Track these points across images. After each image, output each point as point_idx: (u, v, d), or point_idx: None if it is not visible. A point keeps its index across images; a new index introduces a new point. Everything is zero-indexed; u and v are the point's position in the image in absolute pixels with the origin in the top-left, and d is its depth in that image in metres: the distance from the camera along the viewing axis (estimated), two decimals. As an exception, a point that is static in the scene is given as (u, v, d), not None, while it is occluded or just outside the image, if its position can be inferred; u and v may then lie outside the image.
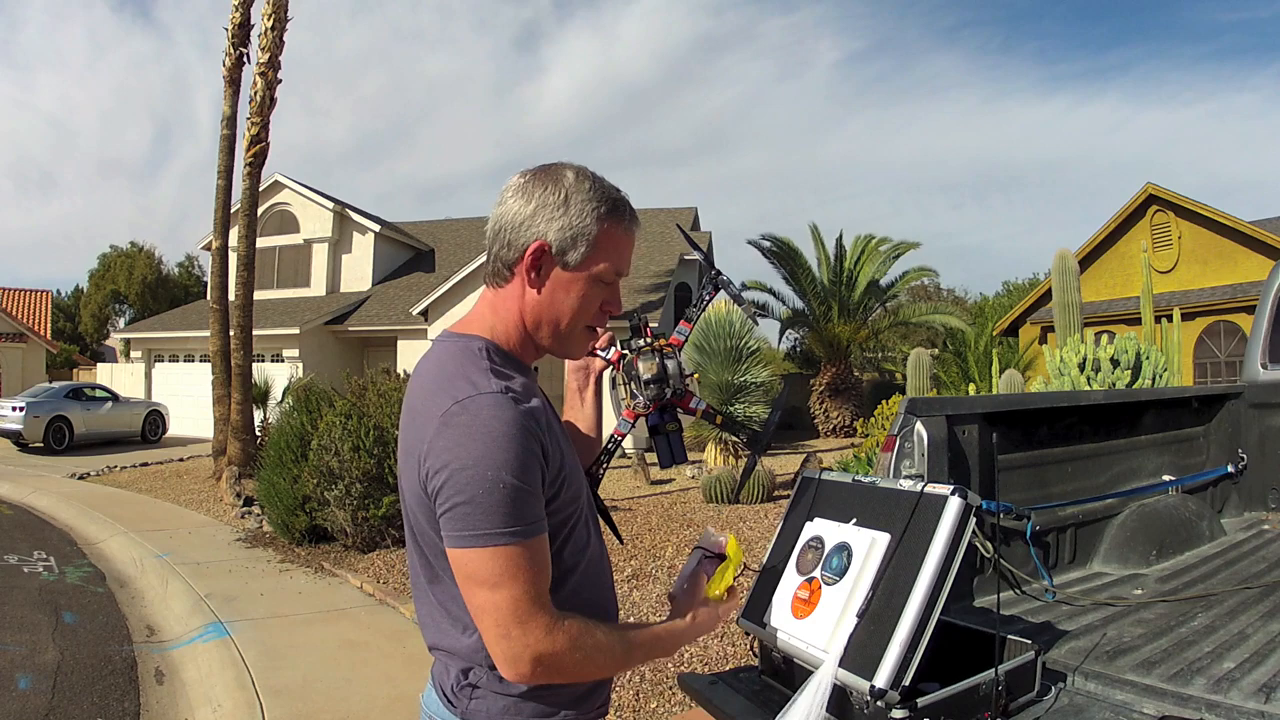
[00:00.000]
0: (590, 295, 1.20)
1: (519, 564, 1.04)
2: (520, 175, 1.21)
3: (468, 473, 1.03)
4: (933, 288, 30.82)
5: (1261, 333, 3.69)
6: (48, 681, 4.04)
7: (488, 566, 1.04)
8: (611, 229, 1.19)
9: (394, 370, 8.97)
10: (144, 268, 38.13)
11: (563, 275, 1.18)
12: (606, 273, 1.20)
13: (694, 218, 22.05)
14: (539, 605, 1.05)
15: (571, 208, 1.16)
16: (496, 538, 1.03)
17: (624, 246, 1.22)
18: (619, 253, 1.21)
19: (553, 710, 1.17)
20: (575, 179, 1.18)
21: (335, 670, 4.16)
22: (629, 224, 1.22)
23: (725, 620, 1.31)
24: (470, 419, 1.05)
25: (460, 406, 1.06)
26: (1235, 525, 3.23)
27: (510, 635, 1.05)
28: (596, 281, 1.20)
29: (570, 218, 1.16)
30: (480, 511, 1.03)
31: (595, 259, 1.18)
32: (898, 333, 23.35)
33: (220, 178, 11.04)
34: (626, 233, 1.22)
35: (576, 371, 1.48)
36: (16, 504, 9.69)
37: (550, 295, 1.19)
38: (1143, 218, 16.23)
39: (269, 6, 10.83)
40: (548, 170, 1.20)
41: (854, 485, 1.72)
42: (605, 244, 1.18)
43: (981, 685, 1.53)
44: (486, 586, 1.05)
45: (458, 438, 1.04)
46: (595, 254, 1.18)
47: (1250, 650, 1.82)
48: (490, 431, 1.04)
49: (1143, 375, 6.12)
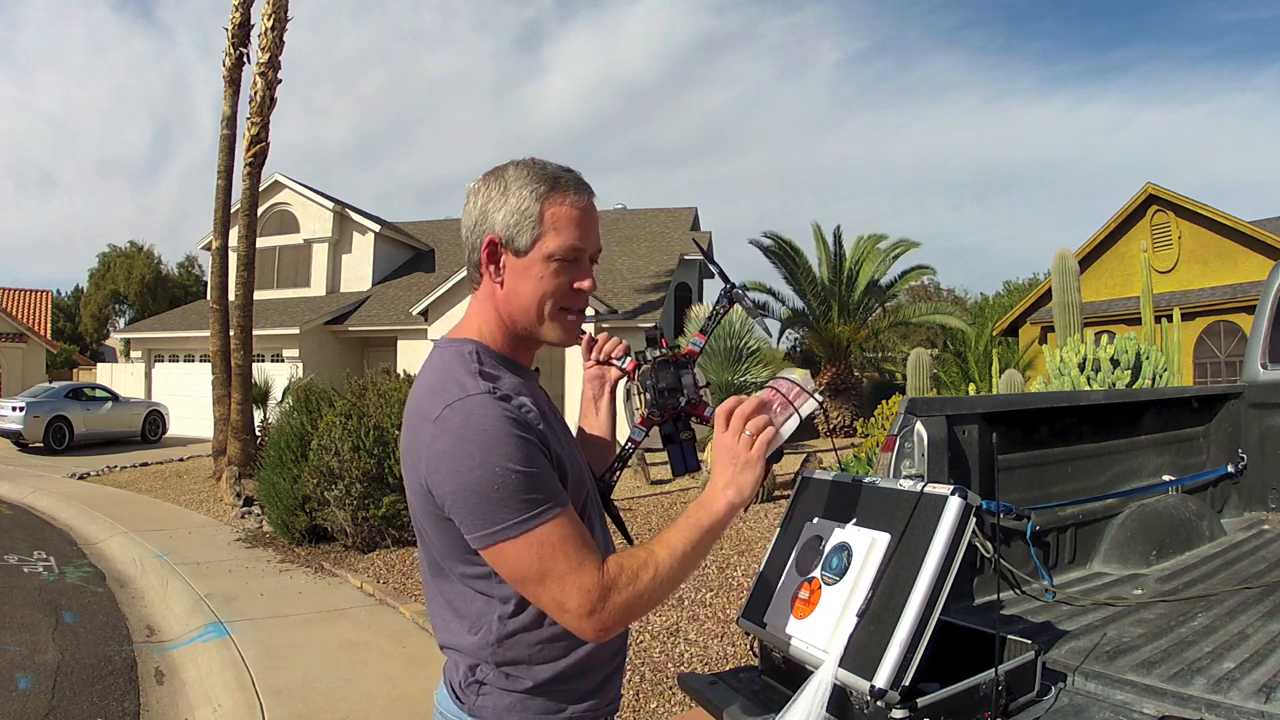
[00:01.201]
0: (550, 277, 1.19)
1: (554, 541, 1.06)
2: (476, 180, 1.23)
3: (475, 474, 1.04)
4: (933, 288, 30.85)
5: (1261, 333, 3.69)
6: (48, 681, 4.04)
7: (526, 557, 1.06)
8: (554, 205, 1.17)
9: (394, 370, 8.97)
10: (144, 268, 38.13)
11: (517, 263, 1.19)
12: (561, 250, 1.18)
13: (694, 218, 22.04)
14: (587, 571, 1.06)
15: (510, 195, 1.17)
16: (522, 525, 1.05)
17: (574, 220, 1.18)
18: (570, 227, 1.18)
19: (560, 708, 1.17)
20: (514, 168, 1.20)
21: (335, 670, 4.16)
22: (575, 195, 1.19)
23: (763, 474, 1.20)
24: (462, 420, 1.06)
25: (451, 410, 1.08)
26: (1235, 525, 3.23)
27: (565, 609, 1.07)
28: (553, 261, 1.18)
29: (510, 204, 1.17)
30: (497, 507, 1.04)
31: (544, 239, 1.17)
32: (898, 333, 23.36)
33: (220, 178, 11.04)
34: (574, 206, 1.19)
35: (591, 380, 1.49)
36: (16, 504, 9.69)
37: (512, 285, 1.19)
38: (1143, 218, 16.23)
39: (269, 6, 10.83)
40: (496, 170, 1.22)
41: (854, 485, 1.72)
42: (550, 221, 1.17)
43: (981, 685, 1.53)
44: (533, 579, 1.07)
45: (454, 442, 1.06)
46: (543, 234, 1.17)
47: (1250, 650, 1.82)
48: (483, 429, 1.05)
49: (1143, 375, 6.12)
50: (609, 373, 1.48)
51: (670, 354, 1.44)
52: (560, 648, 1.17)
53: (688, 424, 1.45)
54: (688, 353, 1.45)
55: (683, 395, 1.43)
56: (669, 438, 1.44)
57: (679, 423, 1.44)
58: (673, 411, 1.42)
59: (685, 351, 1.45)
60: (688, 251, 18.95)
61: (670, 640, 4.40)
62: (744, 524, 7.43)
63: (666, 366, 1.44)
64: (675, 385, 1.43)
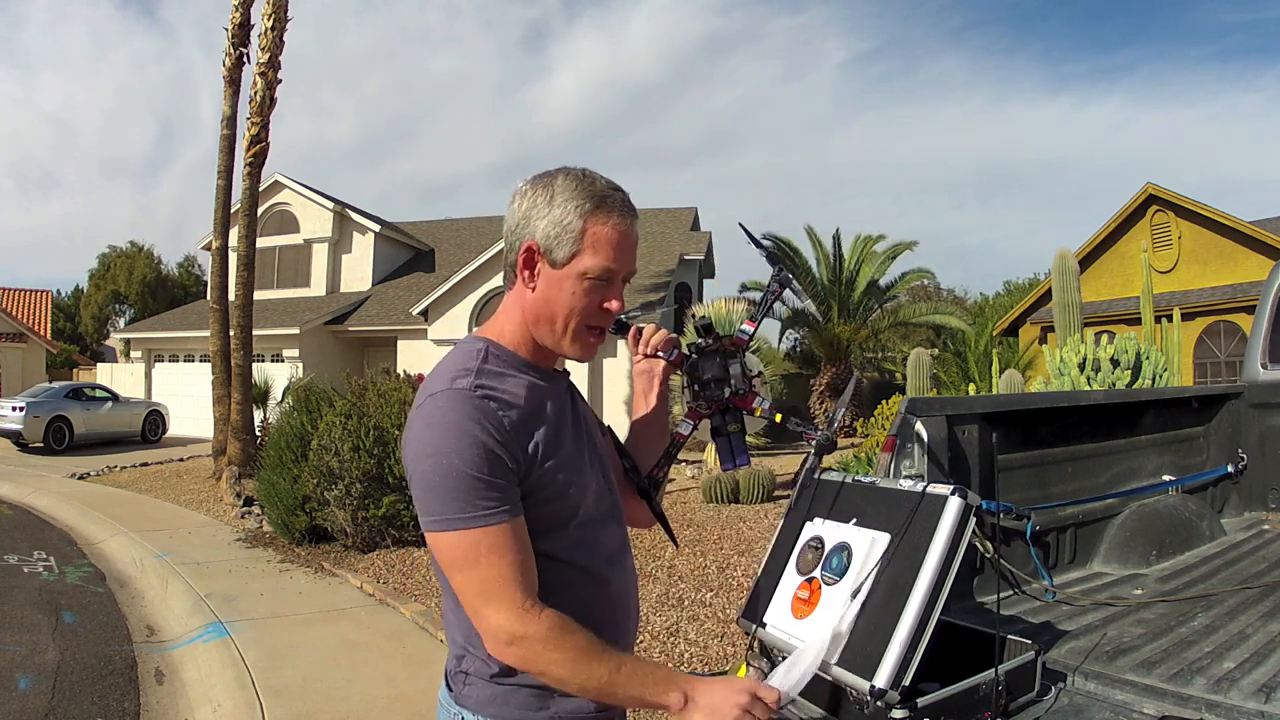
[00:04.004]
0: (581, 294, 1.19)
1: (482, 547, 1.09)
2: (525, 181, 1.24)
3: (427, 463, 1.10)
4: (933, 288, 30.80)
5: (1261, 333, 3.69)
6: (48, 681, 4.04)
7: (454, 549, 1.10)
8: (596, 224, 1.18)
9: (394, 370, 8.97)
10: (144, 268, 38.11)
11: (553, 273, 1.19)
12: (596, 269, 1.18)
13: (694, 218, 22.03)
14: (508, 586, 1.09)
15: (556, 205, 1.18)
16: (457, 522, 1.09)
17: (613, 242, 1.19)
18: (609, 249, 1.19)
19: (543, 705, 1.17)
20: (564, 178, 1.20)
21: (335, 670, 4.16)
22: (619, 219, 1.20)
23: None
24: (432, 411, 1.12)
25: (430, 400, 1.13)
26: (1235, 525, 3.23)
27: (480, 614, 1.10)
28: (586, 279, 1.19)
29: (554, 214, 1.18)
30: (438, 497, 1.09)
31: (582, 256, 1.18)
32: (898, 333, 23.33)
33: (220, 178, 11.04)
34: (615, 228, 1.19)
35: (640, 375, 1.46)
36: (16, 504, 9.69)
37: (544, 294, 1.20)
38: (1143, 218, 16.23)
39: (269, 6, 10.83)
40: (546, 174, 1.23)
41: (854, 485, 1.72)
42: (591, 240, 1.18)
43: (981, 685, 1.53)
44: (457, 568, 1.11)
45: (420, 429, 1.12)
46: (582, 251, 1.18)
47: (1250, 650, 1.82)
48: (445, 422, 1.10)
49: (1143, 375, 6.12)
50: (657, 366, 1.44)
51: (718, 344, 1.41)
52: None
53: (737, 416, 1.41)
54: (736, 342, 1.41)
55: (729, 386, 1.39)
56: (716, 430, 1.41)
57: (726, 415, 1.40)
58: (720, 403, 1.39)
59: (733, 341, 1.41)
60: (688, 251, 18.94)
61: (670, 640, 4.40)
62: (744, 524, 7.43)
63: (713, 357, 1.40)
64: (722, 376, 1.39)
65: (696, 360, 1.41)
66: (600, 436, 1.36)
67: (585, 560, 1.22)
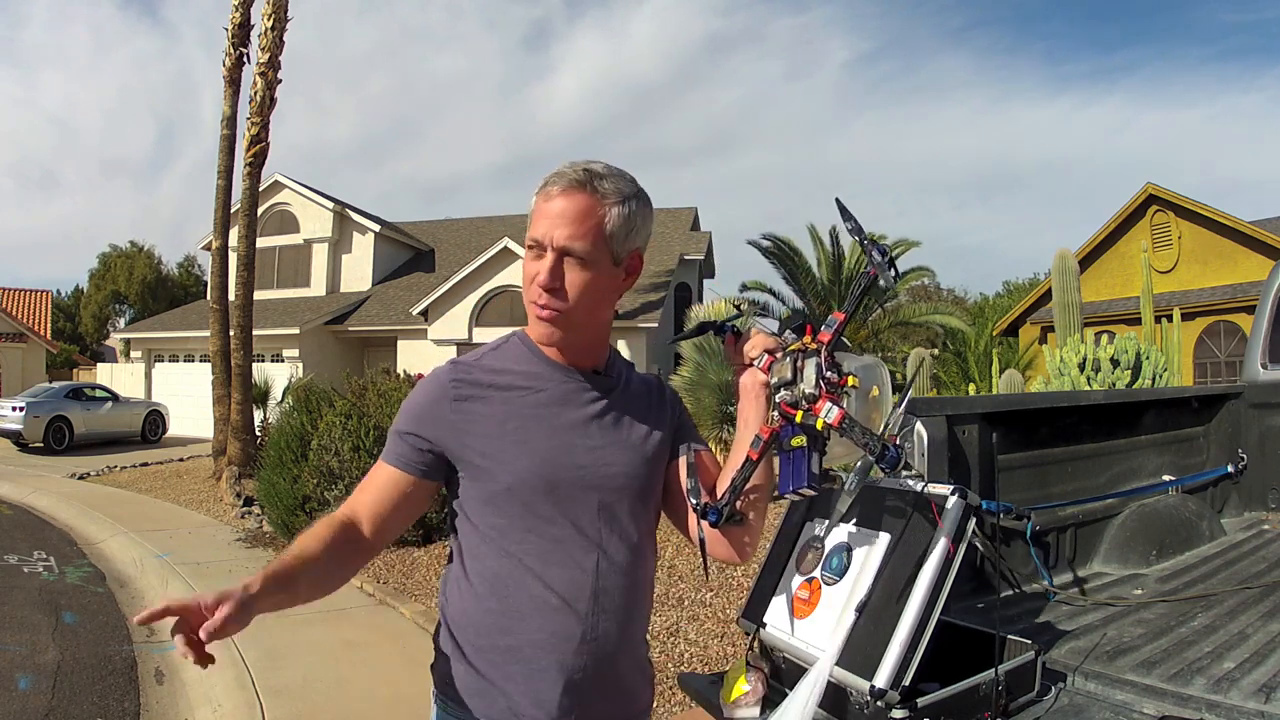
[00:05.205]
0: (526, 267, 1.23)
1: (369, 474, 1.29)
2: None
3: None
4: (933, 287, 30.79)
5: (1261, 333, 3.69)
6: (48, 681, 4.04)
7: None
8: (535, 198, 1.22)
9: (394, 370, 8.97)
10: (144, 268, 38.12)
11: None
12: (528, 239, 1.22)
13: (694, 218, 22.04)
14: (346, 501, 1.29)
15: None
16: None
17: (538, 210, 1.21)
18: (534, 218, 1.21)
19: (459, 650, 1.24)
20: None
21: (335, 670, 4.16)
22: (550, 188, 1.20)
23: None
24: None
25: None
26: (1235, 525, 3.23)
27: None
28: (528, 251, 1.23)
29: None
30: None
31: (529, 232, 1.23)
32: (898, 333, 23.30)
33: (220, 178, 11.04)
34: (545, 197, 1.20)
35: (742, 391, 1.27)
36: (16, 504, 9.69)
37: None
38: (1143, 218, 16.23)
39: (269, 6, 10.83)
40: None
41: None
42: (532, 214, 1.22)
43: (981, 685, 1.53)
44: None
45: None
46: (529, 228, 1.23)
47: (1250, 650, 1.81)
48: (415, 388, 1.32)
49: (1143, 375, 6.12)
50: (745, 379, 1.26)
51: (802, 344, 1.22)
52: (453, 589, 1.27)
53: (807, 429, 1.19)
54: (820, 339, 1.20)
55: (797, 389, 1.18)
56: (780, 445, 1.21)
57: (792, 426, 1.19)
58: (792, 410, 1.19)
59: (819, 338, 1.21)
60: (688, 251, 18.95)
61: (670, 640, 4.40)
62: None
63: (791, 359, 1.21)
64: (790, 380, 1.20)
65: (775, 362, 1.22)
66: (656, 446, 1.29)
67: (505, 543, 1.21)
